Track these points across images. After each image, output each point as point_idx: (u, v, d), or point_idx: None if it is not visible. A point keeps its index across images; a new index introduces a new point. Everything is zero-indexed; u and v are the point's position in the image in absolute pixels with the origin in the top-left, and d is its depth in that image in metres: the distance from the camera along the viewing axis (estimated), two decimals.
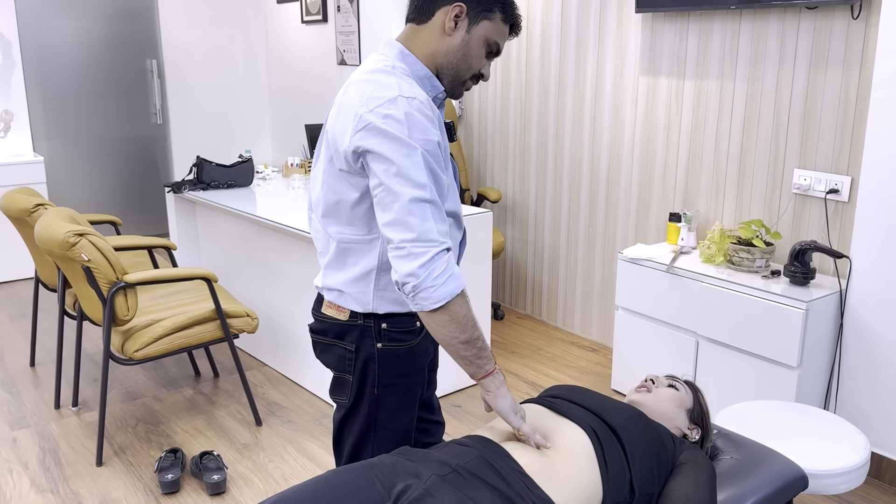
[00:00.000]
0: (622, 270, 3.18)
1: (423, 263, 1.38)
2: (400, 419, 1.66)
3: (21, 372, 3.60)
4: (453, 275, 1.41)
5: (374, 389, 1.63)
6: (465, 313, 1.43)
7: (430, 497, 1.29)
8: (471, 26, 1.51)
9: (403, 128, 1.40)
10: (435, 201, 1.41)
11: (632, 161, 3.61)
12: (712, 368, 2.90)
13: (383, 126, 1.40)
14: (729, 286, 2.80)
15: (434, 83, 1.54)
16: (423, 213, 1.39)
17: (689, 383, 1.82)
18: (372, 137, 1.41)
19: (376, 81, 1.46)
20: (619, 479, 1.44)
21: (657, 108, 3.45)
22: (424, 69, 1.52)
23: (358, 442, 1.68)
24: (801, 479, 1.74)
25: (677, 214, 3.30)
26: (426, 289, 1.39)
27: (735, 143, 3.16)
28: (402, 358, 1.62)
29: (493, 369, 1.48)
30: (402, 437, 1.69)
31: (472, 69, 1.54)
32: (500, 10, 1.53)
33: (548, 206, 4.10)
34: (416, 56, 1.53)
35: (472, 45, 1.52)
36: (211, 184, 3.82)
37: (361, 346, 1.61)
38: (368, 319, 1.59)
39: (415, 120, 1.41)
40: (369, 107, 1.42)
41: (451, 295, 1.40)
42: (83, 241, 2.63)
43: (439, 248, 1.40)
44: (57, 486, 2.65)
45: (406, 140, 1.40)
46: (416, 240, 1.39)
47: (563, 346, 3.93)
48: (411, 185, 1.39)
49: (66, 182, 5.86)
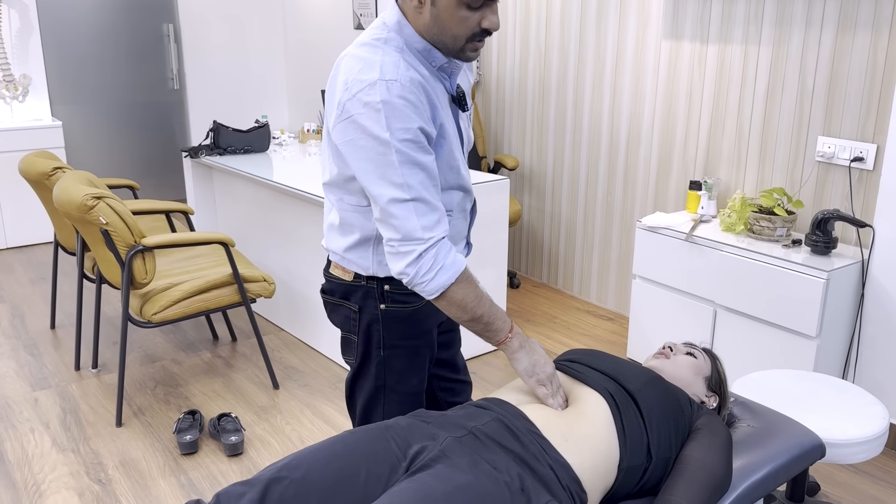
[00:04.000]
0: (640, 239, 3.15)
1: (410, 263, 1.40)
2: (408, 381, 1.66)
3: (42, 334, 3.64)
4: (444, 267, 1.41)
5: (379, 351, 1.63)
6: (464, 296, 1.44)
7: (445, 458, 1.29)
8: None
9: (381, 117, 1.35)
10: (418, 197, 1.39)
11: (652, 128, 3.56)
12: (730, 338, 2.88)
13: (360, 120, 1.37)
14: (749, 255, 2.77)
15: (433, 55, 1.45)
16: (404, 212, 1.39)
17: (707, 351, 1.81)
18: (351, 133, 1.39)
19: (363, 59, 1.41)
20: (636, 442, 1.44)
21: (679, 73, 3.38)
22: (421, 41, 1.44)
23: (368, 403, 1.68)
24: (819, 447, 1.73)
25: (698, 182, 3.26)
26: (418, 284, 1.42)
27: (758, 110, 3.10)
28: (407, 320, 1.61)
29: (506, 338, 1.49)
30: (413, 400, 1.69)
31: (458, 36, 1.41)
32: None
33: (566, 174, 4.06)
34: (413, 27, 1.44)
35: (443, 15, 1.38)
36: (228, 149, 3.81)
37: (365, 307, 1.61)
38: (371, 281, 1.59)
39: (392, 107, 1.36)
40: (351, 92, 1.38)
41: (442, 287, 1.42)
42: (101, 205, 2.63)
43: (425, 246, 1.40)
44: (77, 446, 2.69)
45: (381, 136, 1.35)
46: (402, 239, 1.40)
47: (578, 315, 3.92)
48: (389, 186, 1.38)
49: (84, 147, 5.88)
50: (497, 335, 1.49)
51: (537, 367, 1.50)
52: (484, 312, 1.46)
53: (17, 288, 4.27)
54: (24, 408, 2.95)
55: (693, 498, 1.39)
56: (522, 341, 1.51)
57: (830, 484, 2.50)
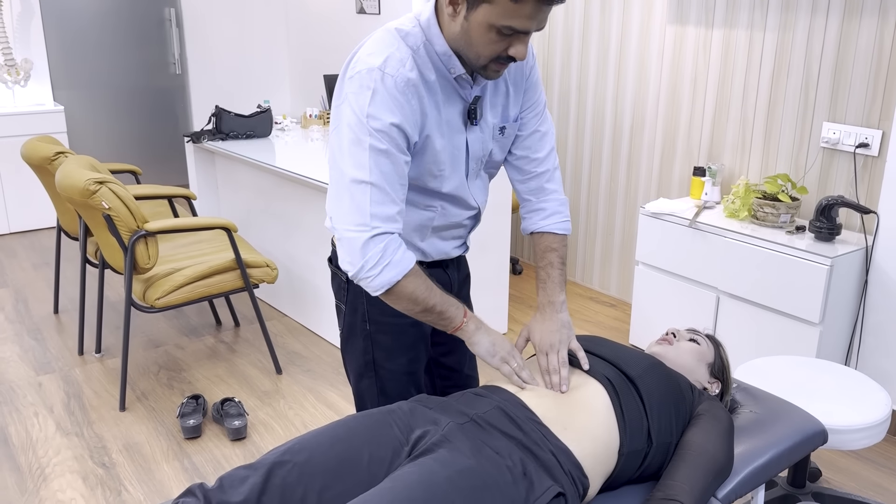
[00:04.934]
0: (643, 225, 3.15)
1: (356, 251, 1.37)
2: (397, 360, 1.64)
3: (45, 319, 3.65)
4: (391, 262, 1.37)
5: (365, 325, 1.62)
6: (414, 289, 1.40)
7: (447, 443, 1.30)
8: (469, 12, 1.32)
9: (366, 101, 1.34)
10: (377, 184, 1.36)
11: (656, 114, 3.54)
12: (732, 324, 2.88)
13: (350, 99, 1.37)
14: (752, 241, 2.76)
15: (453, 62, 1.40)
16: (360, 194, 1.36)
17: (710, 337, 1.81)
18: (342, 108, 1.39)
19: (382, 41, 1.40)
20: (636, 428, 1.44)
21: (684, 59, 3.36)
22: (444, 46, 1.39)
23: (359, 379, 1.68)
24: (821, 433, 1.73)
25: (702, 168, 3.25)
26: (363, 279, 1.39)
27: (763, 96, 3.08)
28: None
29: (461, 323, 1.47)
30: (407, 380, 1.66)
31: (481, 56, 1.36)
32: None
33: (569, 160, 4.05)
34: (442, 30, 1.39)
35: (473, 32, 1.33)
36: (230, 134, 3.80)
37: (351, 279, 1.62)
38: None
39: (381, 97, 1.34)
40: (354, 69, 1.38)
41: (389, 283, 1.38)
42: (103, 189, 2.63)
43: (370, 233, 1.36)
44: (81, 430, 2.70)
45: (361, 118, 1.34)
46: (348, 222, 1.37)
47: (581, 302, 3.92)
48: (354, 165, 1.36)
49: (86, 131, 5.86)
50: (452, 322, 1.46)
51: (496, 345, 1.49)
52: (436, 302, 1.43)
53: (21, 273, 4.28)
54: (28, 392, 2.97)
55: (694, 483, 1.40)
56: (478, 323, 1.50)
57: (832, 470, 2.51)
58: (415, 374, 1.68)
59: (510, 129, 1.58)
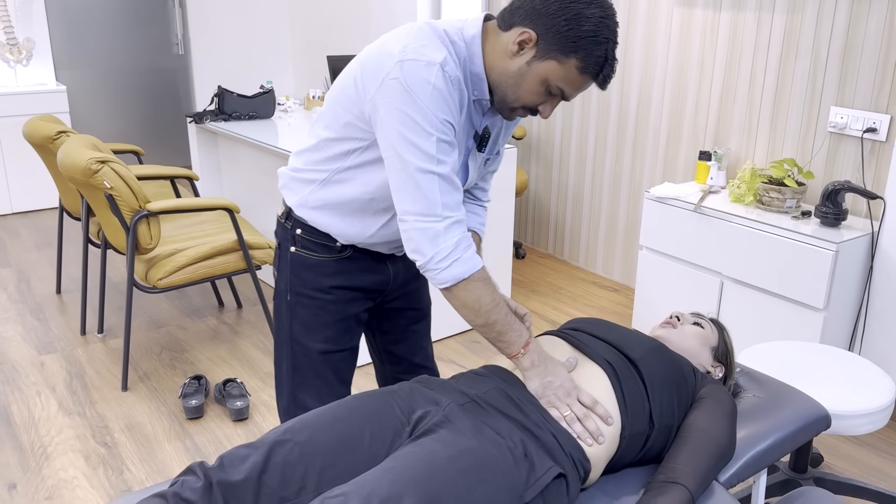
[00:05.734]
0: (648, 209, 3.13)
1: (428, 242, 1.35)
2: (314, 337, 1.61)
3: (48, 299, 3.65)
4: (460, 259, 1.36)
5: (286, 294, 1.61)
6: (479, 297, 1.38)
7: (448, 423, 1.29)
8: (534, 60, 1.34)
9: (430, 95, 1.32)
10: (445, 174, 1.34)
11: (662, 97, 3.51)
12: (736, 309, 2.87)
13: (412, 85, 1.31)
14: (757, 226, 2.74)
15: (482, 87, 1.41)
16: (429, 184, 1.33)
17: (714, 321, 1.80)
18: (395, 95, 1.33)
19: (430, 38, 1.35)
20: (637, 410, 1.43)
21: (691, 41, 3.33)
22: (481, 69, 1.39)
23: (277, 351, 1.67)
24: (824, 418, 1.72)
25: (707, 153, 3.22)
26: (431, 270, 1.37)
27: (770, 79, 3.05)
28: (313, 269, 1.58)
29: (516, 353, 1.41)
30: (320, 360, 1.63)
31: (520, 101, 1.39)
32: (576, 56, 1.32)
33: (574, 144, 4.03)
34: (486, 56, 1.39)
35: (528, 79, 1.36)
36: (232, 114, 3.78)
37: (283, 246, 1.62)
38: (289, 220, 1.59)
39: (441, 94, 1.32)
40: (408, 56, 1.32)
41: (455, 278, 1.36)
42: (105, 169, 2.62)
43: (443, 224, 1.35)
44: (84, 409, 2.71)
45: (425, 109, 1.31)
46: (420, 213, 1.35)
47: (584, 286, 3.91)
48: (420, 154, 1.33)
49: (89, 111, 5.84)
50: (508, 348, 1.41)
51: (549, 388, 1.40)
52: (498, 319, 1.40)
53: (23, 253, 4.28)
54: (31, 371, 2.97)
55: (697, 466, 1.39)
56: (535, 360, 1.41)
57: (834, 455, 2.51)
58: (330, 356, 1.63)
59: (492, 162, 1.62)
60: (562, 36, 1.31)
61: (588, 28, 1.30)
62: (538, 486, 1.24)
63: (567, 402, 1.40)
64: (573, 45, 1.31)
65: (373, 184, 1.47)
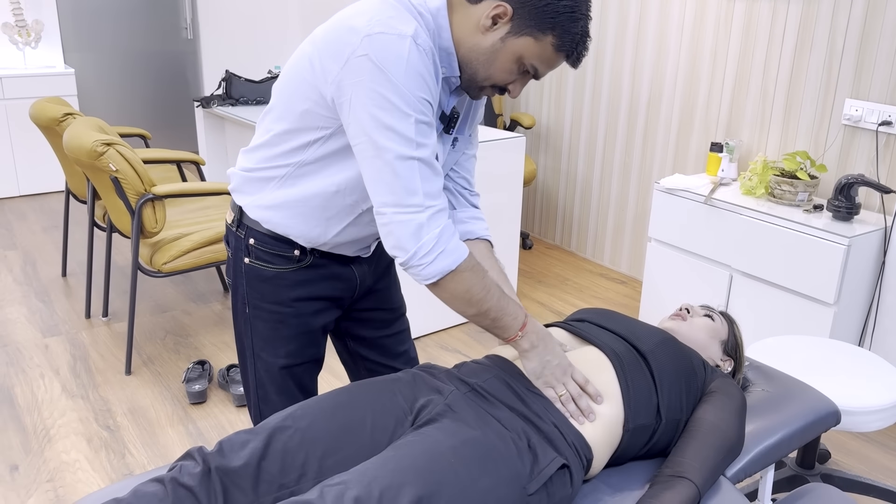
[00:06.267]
0: (657, 201, 3.10)
1: (409, 236, 1.24)
2: (275, 351, 1.51)
3: (53, 282, 3.65)
4: (445, 251, 1.25)
5: (244, 307, 1.50)
6: (466, 289, 1.28)
7: (451, 412, 1.27)
8: (508, 35, 1.25)
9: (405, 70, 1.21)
10: (424, 158, 1.24)
11: (674, 87, 3.47)
12: (745, 303, 2.84)
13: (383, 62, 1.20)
14: (768, 219, 2.71)
15: (451, 62, 1.30)
16: (408, 171, 1.23)
17: (724, 314, 1.77)
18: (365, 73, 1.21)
19: (396, 9, 1.24)
20: (642, 403, 1.40)
21: (704, 31, 3.29)
22: (450, 43, 1.29)
23: (241, 363, 1.58)
24: (834, 414, 1.70)
25: (719, 144, 3.18)
26: (414, 266, 1.26)
27: (784, 71, 3.00)
28: (271, 281, 1.46)
29: (514, 336, 1.35)
30: (282, 375, 1.53)
31: (491, 79, 1.30)
32: (553, 33, 1.24)
33: (583, 134, 3.99)
34: (455, 30, 1.29)
35: (502, 56, 1.27)
36: (240, 99, 3.76)
37: (235, 255, 1.49)
38: (241, 229, 1.46)
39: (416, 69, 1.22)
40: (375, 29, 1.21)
41: (441, 272, 1.26)
42: (111, 151, 2.60)
43: (425, 214, 1.24)
44: (87, 393, 2.70)
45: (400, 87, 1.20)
46: (399, 204, 1.23)
47: (591, 278, 3.88)
48: (397, 138, 1.22)
49: (97, 95, 5.83)
50: (505, 332, 1.34)
51: (547, 368, 1.35)
52: (491, 307, 1.31)
53: (30, 236, 4.27)
54: (35, 354, 2.96)
55: (704, 460, 1.37)
56: (534, 341, 1.35)
57: (841, 452, 2.48)
58: (292, 370, 1.53)
59: (461, 142, 1.50)
60: (539, 11, 1.23)
61: (567, 3, 1.23)
62: (542, 478, 1.22)
63: (563, 380, 1.36)
64: (551, 20, 1.24)
65: (338, 175, 1.35)
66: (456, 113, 1.40)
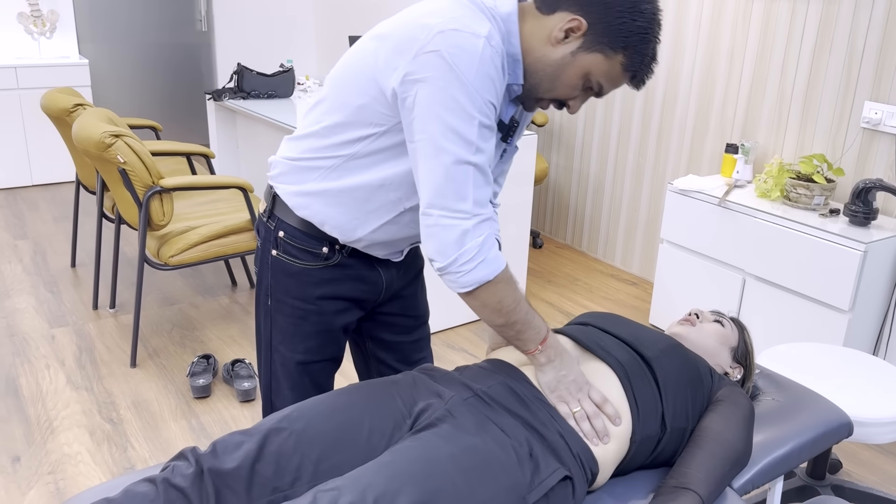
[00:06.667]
0: (670, 202, 3.05)
1: (452, 242, 1.22)
2: (293, 346, 1.49)
3: (62, 272, 3.65)
4: (486, 260, 1.23)
5: (267, 299, 1.48)
6: (501, 298, 1.26)
7: (451, 417, 1.24)
8: (579, 50, 1.23)
9: (476, 70, 1.18)
10: (480, 165, 1.22)
11: (690, 87, 3.42)
12: (758, 308, 2.79)
13: (453, 59, 1.17)
14: (783, 223, 2.66)
15: (516, 72, 1.27)
16: (463, 176, 1.20)
17: (735, 320, 1.73)
18: (433, 69, 1.18)
19: (471, 10, 1.22)
20: (649, 413, 1.37)
21: (722, 30, 3.23)
22: (517, 50, 1.25)
23: (261, 356, 1.56)
24: (846, 425, 1.65)
25: (734, 146, 3.13)
26: (452, 273, 1.24)
27: (803, 71, 2.95)
28: (296, 277, 1.44)
29: (534, 349, 1.32)
30: (298, 371, 1.51)
31: (554, 92, 1.28)
32: (625, 52, 1.23)
33: (596, 133, 3.94)
34: (524, 38, 1.26)
35: (569, 71, 1.25)
36: (251, 93, 3.74)
37: (264, 246, 1.47)
38: (272, 220, 1.44)
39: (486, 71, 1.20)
40: (449, 25, 1.18)
41: (479, 282, 1.24)
42: (119, 143, 2.59)
43: (471, 222, 1.22)
44: (91, 384, 2.70)
45: (468, 87, 1.18)
46: (446, 208, 1.21)
47: (601, 279, 3.83)
48: (459, 141, 1.19)
49: (110, 86, 5.84)
50: (525, 345, 1.32)
51: (562, 383, 1.32)
52: (518, 319, 1.29)
53: (41, 225, 4.28)
54: (41, 344, 2.96)
55: (710, 471, 1.33)
56: (552, 355, 1.32)
57: (853, 462, 2.43)
58: (309, 366, 1.51)
59: (509, 154, 1.45)
60: (614, 28, 1.21)
61: (641, 24, 1.22)
62: (542, 489, 1.19)
63: (578, 397, 1.33)
64: (624, 39, 1.22)
65: (387, 171, 1.32)
66: (515, 122, 1.37)
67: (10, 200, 4.71)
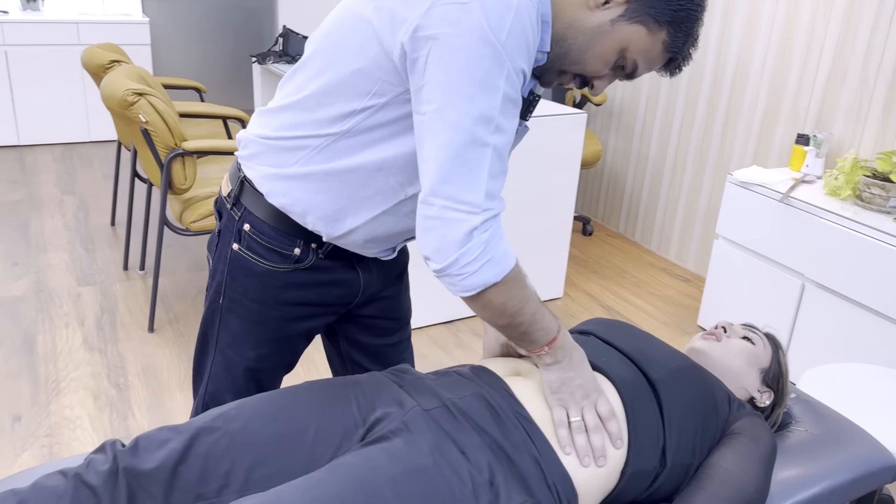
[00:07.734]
0: (729, 194, 2.79)
1: (456, 241, 1.01)
2: (243, 352, 1.30)
3: (101, 230, 3.64)
4: (493, 258, 1.03)
5: (219, 296, 1.28)
6: (506, 300, 1.07)
7: (406, 432, 1.08)
8: (620, 19, 1.04)
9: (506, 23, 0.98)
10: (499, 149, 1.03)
11: (762, 70, 3.11)
12: (815, 318, 2.52)
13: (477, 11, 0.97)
14: (852, 226, 2.37)
15: (545, 37, 1.06)
16: (479, 160, 1.00)
17: (769, 336, 1.50)
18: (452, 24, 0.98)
19: None
20: (647, 446, 1.17)
21: (801, 9, 2.91)
22: (548, 10, 1.05)
23: (200, 355, 1.37)
24: (890, 469, 1.42)
25: (806, 136, 2.83)
26: (454, 275, 1.04)
27: (889, 58, 2.62)
28: (258, 278, 1.24)
29: (540, 350, 1.13)
30: (244, 377, 1.32)
31: (581, 66, 1.08)
32: (670, 28, 1.06)
33: (658, 115, 3.67)
34: (556, 2, 1.06)
35: (605, 41, 1.06)
36: (296, 57, 3.63)
37: (223, 235, 1.27)
38: (237, 209, 1.23)
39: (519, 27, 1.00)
40: None
41: (484, 284, 1.04)
42: (142, 101, 2.50)
43: (480, 218, 1.01)
44: (106, 347, 2.65)
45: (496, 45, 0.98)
46: (452, 199, 1.01)
47: (652, 272, 3.59)
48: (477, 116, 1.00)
49: (170, 46, 5.84)
50: (530, 345, 1.14)
51: (566, 385, 1.14)
52: (524, 321, 1.10)
53: (90, 182, 4.30)
54: (65, 301, 2.94)
55: None
56: (559, 357, 1.14)
57: None
58: (257, 373, 1.32)
59: (520, 134, 1.21)
60: (662, 0, 1.04)
61: (694, 1, 1.05)
62: None
63: (582, 404, 1.14)
64: (672, 13, 1.04)
65: (386, 152, 1.12)
66: (536, 97, 1.15)
67: (67, 155, 4.76)
